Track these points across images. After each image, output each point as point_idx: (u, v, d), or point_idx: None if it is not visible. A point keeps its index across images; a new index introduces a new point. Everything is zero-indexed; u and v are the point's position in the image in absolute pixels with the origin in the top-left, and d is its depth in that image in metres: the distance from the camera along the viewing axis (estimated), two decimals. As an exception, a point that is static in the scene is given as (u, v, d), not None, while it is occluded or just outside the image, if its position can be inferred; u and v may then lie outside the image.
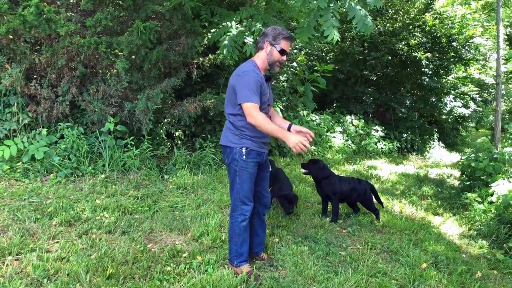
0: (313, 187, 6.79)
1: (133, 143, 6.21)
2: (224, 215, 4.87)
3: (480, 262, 4.62)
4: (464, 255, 4.77)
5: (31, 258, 3.42)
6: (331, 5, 5.01)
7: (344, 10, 5.36)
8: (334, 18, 4.94)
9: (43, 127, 6.11)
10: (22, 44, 5.93)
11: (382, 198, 6.79)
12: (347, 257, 4.10)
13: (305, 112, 10.62)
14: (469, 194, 6.78)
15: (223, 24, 6.99)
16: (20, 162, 5.63)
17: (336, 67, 13.16)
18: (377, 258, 4.21)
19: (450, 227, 5.84)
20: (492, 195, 6.25)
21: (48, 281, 3.17)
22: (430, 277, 3.85)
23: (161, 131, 7.39)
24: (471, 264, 4.41)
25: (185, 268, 3.54)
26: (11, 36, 5.74)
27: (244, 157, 3.37)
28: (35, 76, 6.27)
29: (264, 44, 3.40)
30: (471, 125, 20.05)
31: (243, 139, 3.38)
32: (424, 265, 4.10)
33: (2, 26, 5.48)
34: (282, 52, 3.37)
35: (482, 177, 7.00)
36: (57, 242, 3.81)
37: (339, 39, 5.10)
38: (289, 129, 3.51)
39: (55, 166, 5.63)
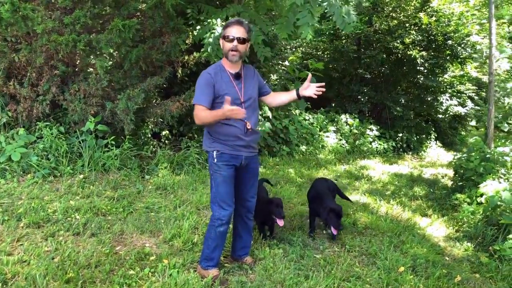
0: (299, 188, 6.69)
1: (113, 142, 6.10)
2: (201, 216, 4.77)
3: (462, 265, 4.48)
4: (447, 258, 4.64)
5: (-10, 262, 3.33)
6: (310, 1, 4.89)
7: (324, 6, 5.22)
8: (310, 15, 4.82)
9: (23, 127, 6.02)
10: (1, 43, 5.83)
11: (370, 199, 6.69)
12: (321, 260, 3.97)
13: (297, 111, 10.49)
14: (458, 195, 6.64)
15: (208, 21, 6.87)
16: (-3, 162, 5.53)
17: (330, 66, 13.01)
18: (353, 261, 4.08)
19: (437, 228, 5.71)
20: (481, 195, 6.11)
21: (4, 286, 3.07)
22: (406, 281, 3.72)
23: (147, 131, 7.29)
24: (452, 268, 4.28)
25: (149, 272, 3.43)
26: (-12, 35, 5.65)
27: (215, 160, 3.35)
28: (15, 75, 6.17)
29: (220, 42, 3.39)
30: (472, 124, 19.83)
31: (214, 143, 3.37)
32: (402, 268, 3.97)
33: (-22, 25, 5.39)
34: (228, 39, 3.28)
35: (473, 178, 6.85)
36: (21, 245, 3.71)
37: (312, 37, 4.98)
38: (298, 94, 3.51)
39: (32, 166, 5.53)
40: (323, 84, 3.47)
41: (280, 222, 4.04)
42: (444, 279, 3.91)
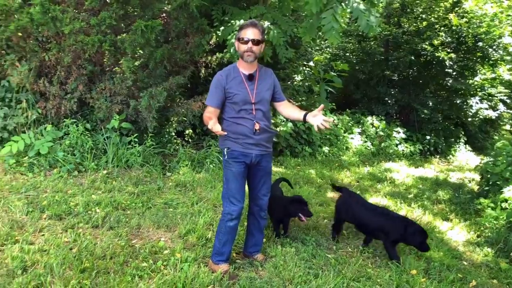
0: (318, 189, 6.69)
1: (136, 140, 6.27)
2: (216, 213, 4.84)
3: (480, 271, 4.39)
4: (465, 263, 4.56)
5: (13, 250, 3.50)
6: (334, 5, 4.87)
7: (349, 10, 5.21)
8: (334, 20, 4.81)
9: (51, 123, 6.27)
10: (32, 42, 6.10)
11: (391, 201, 6.62)
12: (333, 260, 3.97)
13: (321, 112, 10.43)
14: (482, 200, 6.49)
15: (231, 22, 6.97)
16: (26, 157, 5.78)
17: (357, 67, 12.90)
18: (366, 262, 4.07)
19: (457, 233, 5.61)
20: (506, 201, 5.96)
21: (24, 273, 3.23)
22: (417, 283, 3.68)
23: (171, 129, 7.44)
24: (468, 272, 4.20)
25: (161, 264, 3.53)
26: (20, 34, 5.92)
27: (226, 156, 3.49)
28: (45, 74, 6.44)
29: (235, 44, 3.49)
30: (507, 128, 19.18)
31: (226, 140, 3.48)
32: (415, 271, 3.93)
33: (11, 24, 5.67)
34: (243, 41, 3.37)
35: (498, 182, 6.68)
36: (42, 235, 3.89)
37: (339, 40, 4.99)
38: (305, 117, 3.45)
39: (59, 161, 5.76)
40: (332, 120, 3.53)
41: (305, 219, 4.18)
42: (458, 283, 3.84)
